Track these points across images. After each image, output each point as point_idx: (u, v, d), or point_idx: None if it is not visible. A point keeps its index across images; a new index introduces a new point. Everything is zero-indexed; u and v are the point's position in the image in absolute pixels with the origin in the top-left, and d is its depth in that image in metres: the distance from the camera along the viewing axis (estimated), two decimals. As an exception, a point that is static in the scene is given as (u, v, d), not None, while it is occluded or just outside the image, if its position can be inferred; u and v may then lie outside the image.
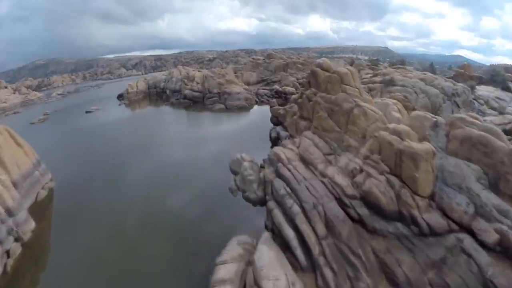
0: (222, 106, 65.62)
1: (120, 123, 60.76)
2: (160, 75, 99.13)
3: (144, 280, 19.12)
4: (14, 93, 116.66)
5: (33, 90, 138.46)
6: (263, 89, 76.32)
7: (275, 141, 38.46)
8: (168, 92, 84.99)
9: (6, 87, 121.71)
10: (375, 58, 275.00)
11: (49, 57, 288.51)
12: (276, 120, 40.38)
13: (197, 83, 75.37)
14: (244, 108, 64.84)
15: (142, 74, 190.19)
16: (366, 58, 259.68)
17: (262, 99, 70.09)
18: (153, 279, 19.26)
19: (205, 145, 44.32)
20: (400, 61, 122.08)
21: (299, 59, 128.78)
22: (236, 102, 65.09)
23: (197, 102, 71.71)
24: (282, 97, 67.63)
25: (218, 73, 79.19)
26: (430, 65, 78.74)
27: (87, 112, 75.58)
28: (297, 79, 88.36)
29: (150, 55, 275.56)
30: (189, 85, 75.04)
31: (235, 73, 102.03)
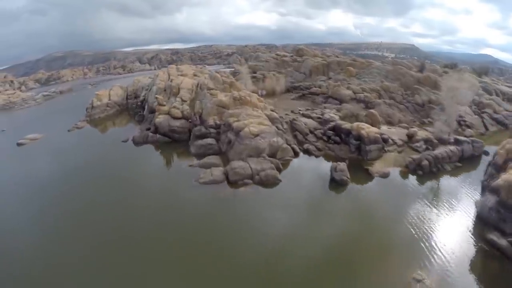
0: (220, 172, 23.89)
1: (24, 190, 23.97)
2: (146, 79, 60.80)
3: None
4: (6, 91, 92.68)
5: (41, 84, 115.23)
6: (304, 113, 36.04)
7: None
8: (146, 109, 47.14)
9: (12, 81, 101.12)
10: (402, 56, 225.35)
11: (67, 49, 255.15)
12: None
13: (183, 101, 36.56)
14: (270, 184, 22.97)
15: (155, 69, 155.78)
16: (393, 55, 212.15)
17: (305, 145, 30.16)
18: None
19: None
20: (484, 67, 76.86)
21: (338, 56, 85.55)
22: (252, 165, 23.68)
23: (179, 141, 33.18)
24: (351, 144, 27.74)
25: (223, 81, 40.03)
26: None
27: (18, 144, 43.66)
28: (354, 92, 47.75)
29: (168, 49, 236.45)
30: (166, 105, 36.25)
31: (254, 73, 62.60)
